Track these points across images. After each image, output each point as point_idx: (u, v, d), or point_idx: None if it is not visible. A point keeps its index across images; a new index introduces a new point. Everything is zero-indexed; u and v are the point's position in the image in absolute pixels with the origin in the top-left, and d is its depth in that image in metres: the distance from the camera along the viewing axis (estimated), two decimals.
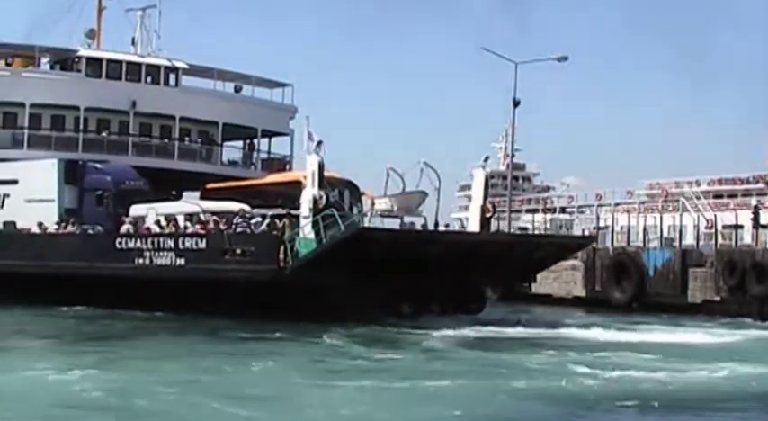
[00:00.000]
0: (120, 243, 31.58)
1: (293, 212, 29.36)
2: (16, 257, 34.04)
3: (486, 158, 32.39)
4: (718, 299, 36.66)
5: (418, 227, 36.34)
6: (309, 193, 28.65)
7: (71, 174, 36.61)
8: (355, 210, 33.00)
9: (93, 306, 31.07)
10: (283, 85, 44.72)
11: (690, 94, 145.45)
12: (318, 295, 27.42)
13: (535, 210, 56.81)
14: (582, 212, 55.23)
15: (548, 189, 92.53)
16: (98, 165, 37.12)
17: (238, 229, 29.93)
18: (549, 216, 54.36)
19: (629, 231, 42.79)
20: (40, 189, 36.56)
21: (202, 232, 30.28)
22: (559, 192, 76.31)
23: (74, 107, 39.69)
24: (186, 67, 41.99)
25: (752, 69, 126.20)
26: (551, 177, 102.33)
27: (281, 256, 28.26)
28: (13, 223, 36.46)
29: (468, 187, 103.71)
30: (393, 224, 34.20)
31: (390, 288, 27.85)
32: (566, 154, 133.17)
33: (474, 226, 31.99)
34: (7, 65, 40.41)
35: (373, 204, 35.14)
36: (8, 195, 37.74)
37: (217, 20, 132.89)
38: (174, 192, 40.89)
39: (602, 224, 45.66)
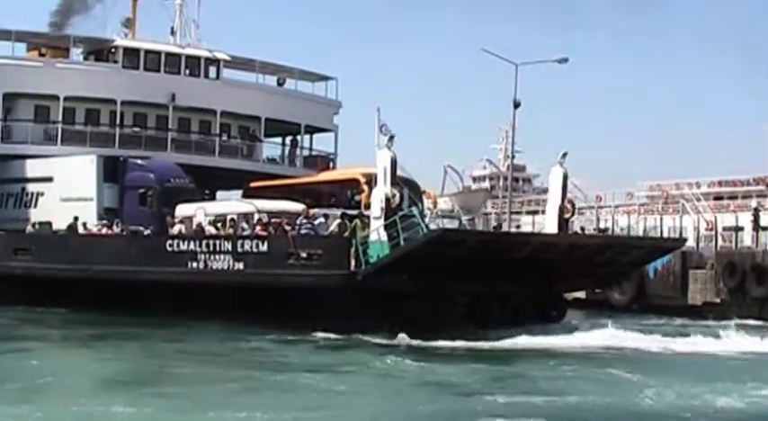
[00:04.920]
0: (172, 245, 29.20)
1: (365, 212, 27.07)
2: (54, 260, 31.68)
3: (565, 154, 29.90)
4: (718, 300, 36.49)
5: (478, 227, 34.32)
6: (381, 192, 26.28)
7: (111, 171, 34.54)
8: (416, 211, 30.82)
9: (139, 313, 28.46)
10: (327, 78, 42.32)
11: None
12: (393, 302, 25.21)
13: (535, 212, 55.60)
14: (582, 214, 53.76)
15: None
16: (140, 162, 34.86)
17: (302, 231, 27.58)
18: None
19: (629, 233, 42.26)
20: (78, 187, 34.55)
21: (263, 234, 27.88)
22: None
23: (110, 100, 37.44)
24: (227, 58, 39.63)
25: None
26: None
27: (353, 260, 25.93)
28: (49, 224, 34.16)
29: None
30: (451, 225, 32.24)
31: (471, 294, 25.77)
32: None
33: (551, 227, 29.65)
34: (40, 55, 38.11)
35: (436, 204, 33.09)
36: (42, 194, 35.64)
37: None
38: (207, 191, 38.51)
39: (602, 225, 44.57)
